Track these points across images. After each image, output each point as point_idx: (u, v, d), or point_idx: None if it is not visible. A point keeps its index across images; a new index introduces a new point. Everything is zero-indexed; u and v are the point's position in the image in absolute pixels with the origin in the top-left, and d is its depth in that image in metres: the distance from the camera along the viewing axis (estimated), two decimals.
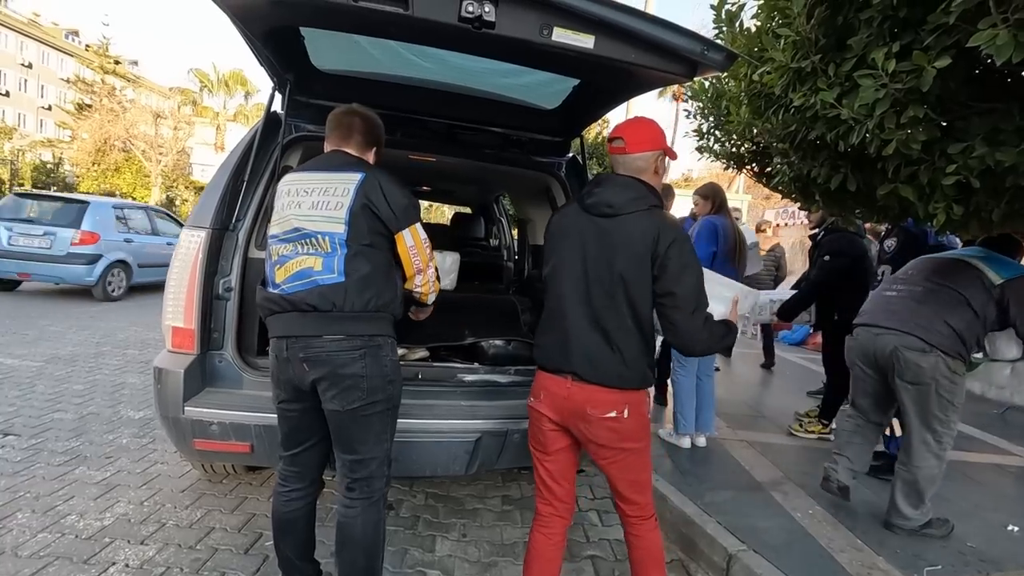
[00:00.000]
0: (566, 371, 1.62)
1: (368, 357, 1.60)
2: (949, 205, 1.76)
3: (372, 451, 1.66)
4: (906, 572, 2.20)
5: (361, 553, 1.66)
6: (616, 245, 1.58)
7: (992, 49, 1.22)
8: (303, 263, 1.61)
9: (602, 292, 1.59)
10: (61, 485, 2.61)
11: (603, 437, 1.62)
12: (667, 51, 1.59)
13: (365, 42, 2.07)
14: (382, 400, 1.64)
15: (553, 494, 1.77)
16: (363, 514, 1.66)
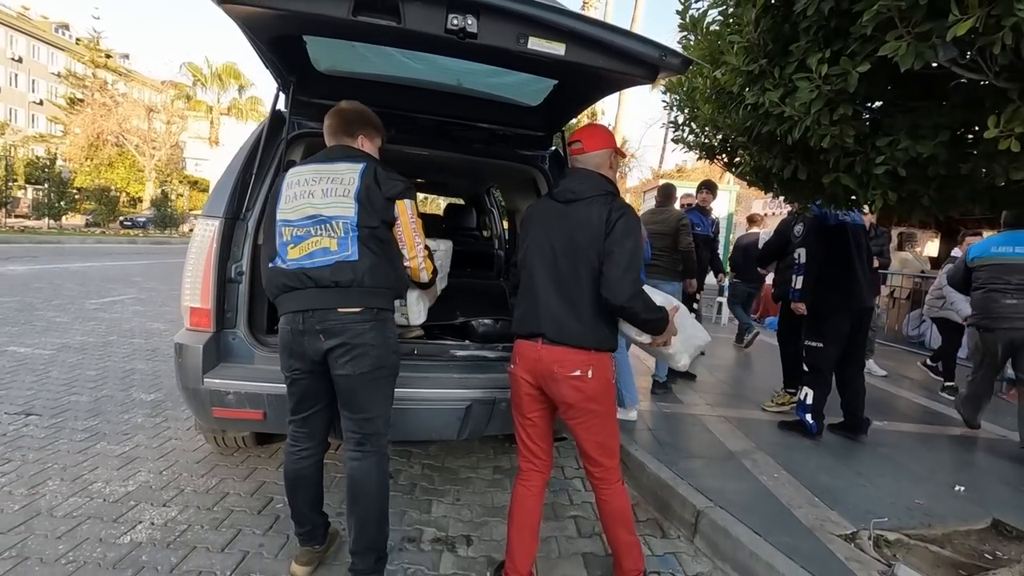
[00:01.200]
0: (536, 334, 1.87)
1: (377, 328, 1.82)
2: (885, 192, 1.98)
3: (379, 410, 1.88)
4: (856, 523, 2.44)
5: (376, 500, 1.86)
6: (578, 224, 1.84)
7: (898, 57, 1.44)
8: (319, 243, 1.79)
9: (566, 264, 1.85)
10: (85, 458, 2.82)
11: (570, 396, 1.83)
12: (629, 57, 1.80)
13: (362, 46, 2.26)
14: (388, 367, 1.87)
15: (532, 452, 2.01)
16: (376, 465, 1.87)
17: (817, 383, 3.61)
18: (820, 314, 3.61)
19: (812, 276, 3.57)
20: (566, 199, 1.90)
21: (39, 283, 8.63)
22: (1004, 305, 3.70)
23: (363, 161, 1.88)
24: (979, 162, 1.71)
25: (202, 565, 2.04)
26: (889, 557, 2.17)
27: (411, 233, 1.91)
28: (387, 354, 1.85)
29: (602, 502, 1.99)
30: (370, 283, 1.80)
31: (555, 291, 1.85)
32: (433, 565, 2.19)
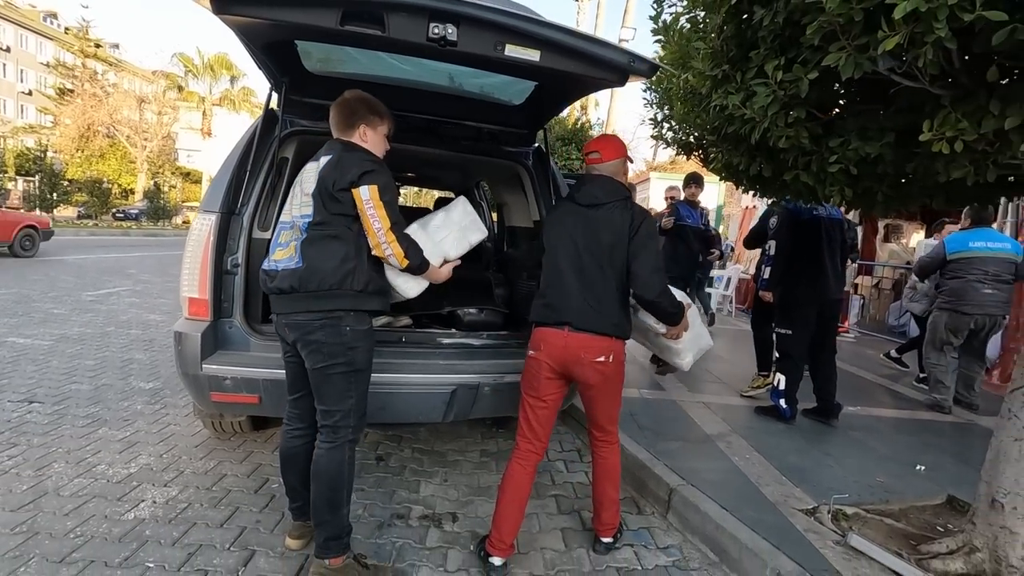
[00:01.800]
0: (564, 322, 2.07)
1: (327, 328, 1.86)
2: (842, 188, 2.12)
3: (336, 404, 1.93)
4: (818, 499, 2.60)
5: (325, 485, 1.93)
6: (602, 227, 2.09)
7: (840, 67, 1.57)
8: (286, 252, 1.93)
9: (590, 261, 2.09)
10: (88, 442, 2.95)
11: (593, 378, 2.10)
12: (600, 62, 1.93)
13: (352, 49, 2.38)
14: (342, 363, 1.89)
15: (535, 434, 2.19)
16: (328, 454, 1.94)
17: (788, 369, 3.76)
18: (789, 303, 3.77)
19: (780, 267, 3.76)
20: (589, 203, 2.14)
21: (35, 275, 8.70)
22: (983, 294, 4.17)
23: (332, 153, 1.91)
24: (922, 161, 1.84)
25: (203, 539, 2.18)
26: (845, 529, 2.33)
27: (369, 222, 1.83)
28: (340, 350, 1.88)
29: (600, 459, 2.30)
30: (315, 288, 1.85)
31: (580, 285, 2.08)
32: (420, 539, 2.34)
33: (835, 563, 2.09)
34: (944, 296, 4.39)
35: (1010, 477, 2.10)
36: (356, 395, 1.98)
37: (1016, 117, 1.44)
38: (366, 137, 2.02)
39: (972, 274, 4.25)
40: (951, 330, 4.34)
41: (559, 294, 2.11)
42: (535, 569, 2.20)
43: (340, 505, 1.95)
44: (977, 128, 1.51)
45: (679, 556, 2.36)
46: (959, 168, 1.73)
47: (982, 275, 4.23)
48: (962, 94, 1.58)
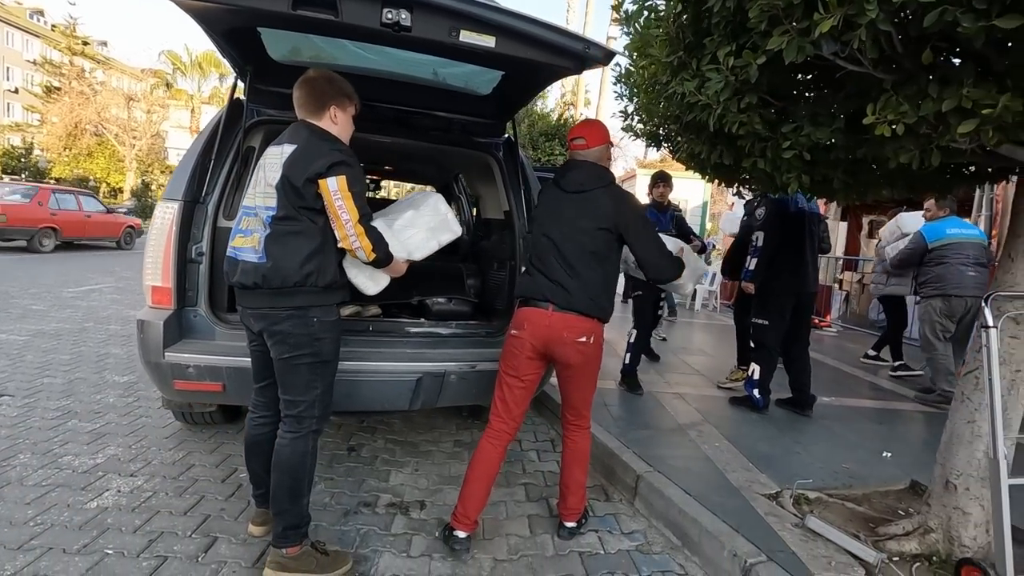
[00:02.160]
0: (548, 300, 2.11)
1: (294, 319, 1.84)
2: (799, 175, 2.15)
3: (300, 395, 1.91)
4: (782, 484, 2.63)
5: (287, 475, 1.91)
6: (586, 212, 2.15)
7: (783, 51, 1.59)
8: (247, 241, 1.88)
9: (576, 246, 2.14)
10: (56, 434, 2.93)
11: (574, 358, 2.14)
12: (555, 49, 1.94)
13: (316, 37, 2.38)
14: (308, 354, 1.87)
15: (510, 413, 2.23)
16: (291, 444, 1.92)
17: (763, 359, 3.80)
18: (767, 293, 3.80)
19: (766, 259, 3.75)
20: (575, 190, 2.20)
21: (16, 272, 8.62)
22: (968, 276, 4.34)
23: (296, 143, 1.83)
24: (872, 147, 1.87)
25: (165, 526, 2.18)
26: (806, 512, 2.36)
27: (337, 214, 1.79)
28: (307, 341, 1.86)
29: (571, 442, 2.33)
30: (278, 285, 1.81)
31: (564, 267, 2.13)
32: (385, 526, 2.34)
33: (792, 544, 2.12)
34: (931, 284, 4.46)
35: (963, 459, 2.14)
36: (322, 386, 1.96)
37: (953, 100, 1.47)
38: (336, 119, 1.95)
39: (955, 258, 4.38)
40: (946, 315, 4.40)
41: (544, 273, 2.16)
42: (499, 554, 2.22)
43: (301, 495, 1.94)
44: (917, 111, 1.54)
45: (642, 541, 2.38)
46: (906, 152, 1.75)
47: (964, 259, 4.37)
48: (904, 78, 1.60)
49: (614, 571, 2.15)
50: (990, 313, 1.94)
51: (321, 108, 1.92)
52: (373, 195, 6.65)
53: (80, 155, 29.92)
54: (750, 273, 3.83)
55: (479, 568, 2.12)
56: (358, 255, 1.88)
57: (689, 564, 2.23)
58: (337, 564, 1.98)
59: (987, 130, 1.48)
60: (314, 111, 1.92)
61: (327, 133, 1.92)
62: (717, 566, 2.12)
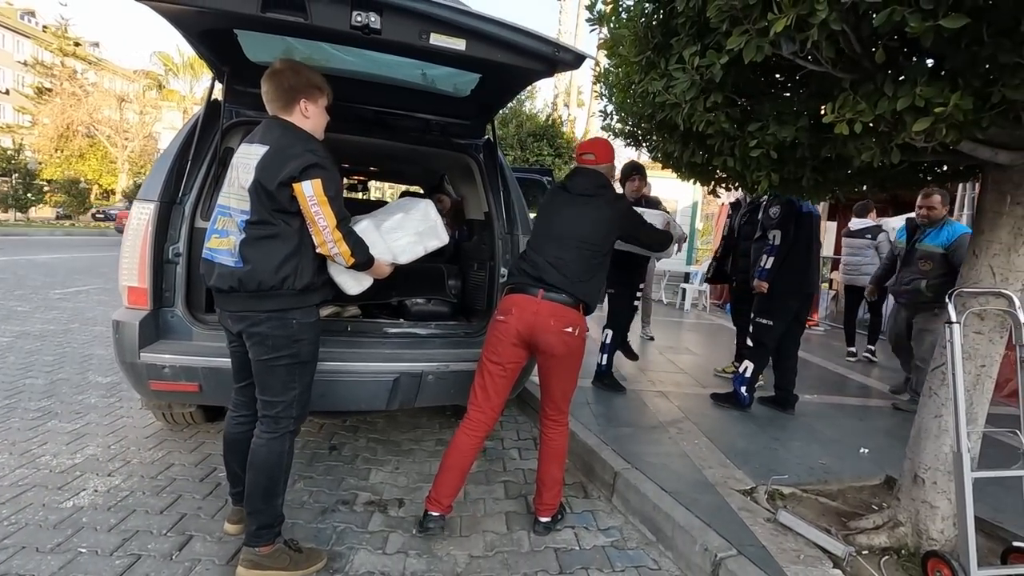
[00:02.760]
0: (538, 286, 2.19)
1: (273, 321, 1.83)
2: (768, 173, 2.18)
3: (278, 395, 1.91)
4: (757, 480, 2.66)
5: (263, 474, 1.91)
6: (587, 213, 2.30)
7: (743, 50, 1.61)
8: (221, 243, 1.85)
9: (572, 240, 2.26)
10: (35, 434, 2.93)
11: (559, 348, 2.18)
12: (525, 52, 1.96)
13: (292, 39, 2.39)
14: (287, 355, 1.87)
15: (489, 403, 2.26)
16: (267, 444, 1.92)
17: (759, 357, 3.80)
18: (774, 294, 3.75)
19: (781, 258, 3.71)
20: (580, 192, 2.36)
21: (2, 274, 8.58)
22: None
23: (268, 144, 1.79)
24: (836, 145, 1.90)
25: (140, 525, 2.18)
26: (779, 507, 2.39)
27: (313, 218, 1.77)
28: (286, 343, 1.86)
29: (549, 440, 2.36)
30: (255, 289, 1.80)
31: (557, 256, 2.23)
32: (362, 524, 2.36)
33: (762, 538, 2.14)
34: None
35: (930, 453, 2.17)
36: (300, 386, 1.96)
37: (907, 98, 1.50)
38: (308, 112, 1.89)
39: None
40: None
41: (537, 264, 2.24)
42: (474, 551, 2.23)
43: (275, 495, 1.95)
44: (874, 109, 1.57)
45: (618, 537, 2.40)
46: (867, 150, 1.78)
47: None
48: (863, 77, 1.63)
49: (588, 566, 2.17)
50: (954, 309, 1.97)
51: (291, 102, 1.86)
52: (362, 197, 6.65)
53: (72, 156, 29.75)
54: (765, 272, 3.75)
55: (454, 564, 2.13)
56: (337, 260, 1.87)
57: (663, 559, 2.25)
58: (311, 561, 2.00)
59: (941, 128, 1.51)
60: (284, 106, 1.87)
61: (300, 131, 1.86)
62: (689, 560, 2.15)
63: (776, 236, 3.75)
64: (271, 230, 1.81)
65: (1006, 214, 2.02)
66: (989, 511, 2.37)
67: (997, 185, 2.06)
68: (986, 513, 2.32)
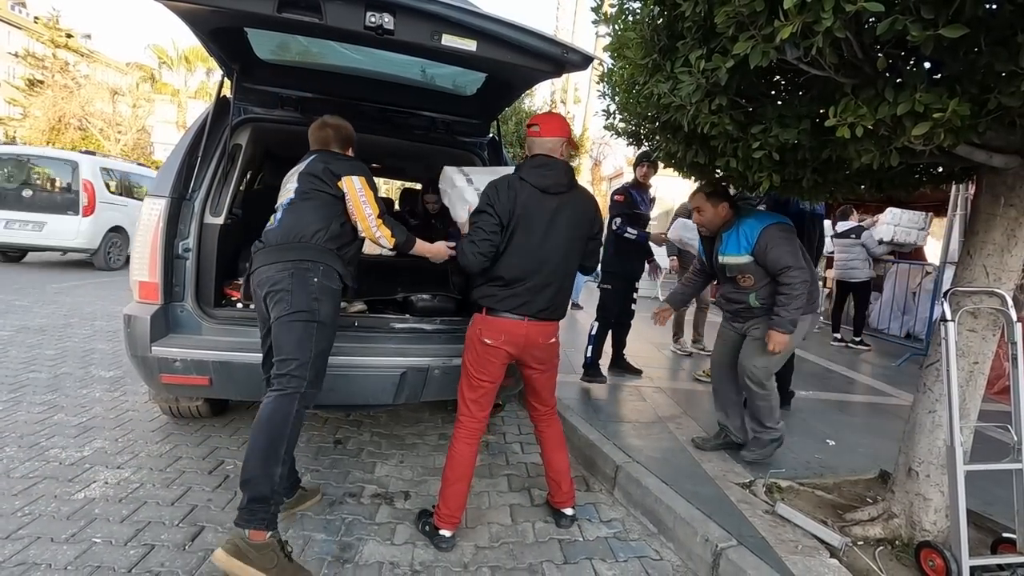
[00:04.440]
0: (528, 315, 2.18)
1: (295, 277, 1.99)
2: (770, 175, 2.23)
3: (293, 353, 1.96)
4: (755, 474, 2.72)
5: (263, 434, 1.86)
6: (568, 216, 2.21)
7: (749, 55, 1.66)
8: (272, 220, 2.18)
9: (561, 254, 2.21)
10: (42, 428, 2.95)
11: (545, 358, 2.32)
12: (535, 53, 2.01)
13: (302, 38, 2.42)
14: (305, 312, 1.98)
15: (483, 412, 2.30)
16: (275, 401, 1.91)
17: None
18: None
19: None
20: (556, 191, 2.19)
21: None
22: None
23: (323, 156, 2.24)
24: (836, 148, 1.95)
25: (152, 516, 2.22)
26: (777, 500, 2.45)
27: (361, 207, 2.13)
28: (305, 299, 1.99)
29: (548, 430, 2.45)
30: (287, 239, 2.06)
31: (545, 276, 2.18)
32: (370, 516, 2.40)
33: (761, 530, 2.20)
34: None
35: (924, 447, 2.24)
36: (315, 349, 2.00)
37: (906, 104, 1.55)
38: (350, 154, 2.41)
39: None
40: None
41: (528, 288, 2.17)
42: (480, 542, 2.28)
43: (274, 462, 1.85)
44: (874, 114, 1.62)
45: (620, 528, 2.46)
46: (867, 153, 1.84)
47: None
48: (864, 82, 1.68)
49: (592, 557, 2.23)
50: (949, 308, 2.03)
51: (346, 147, 2.39)
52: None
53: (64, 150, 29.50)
54: None
55: (461, 554, 2.18)
56: (381, 243, 2.21)
57: (664, 550, 2.31)
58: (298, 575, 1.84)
59: (939, 132, 1.57)
60: (341, 147, 2.36)
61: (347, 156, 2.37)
62: (690, 551, 2.21)
63: None
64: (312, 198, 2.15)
65: (1000, 216, 2.08)
66: (980, 504, 2.44)
67: (992, 188, 2.12)
68: (977, 506, 2.38)
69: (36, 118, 28.63)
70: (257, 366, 2.19)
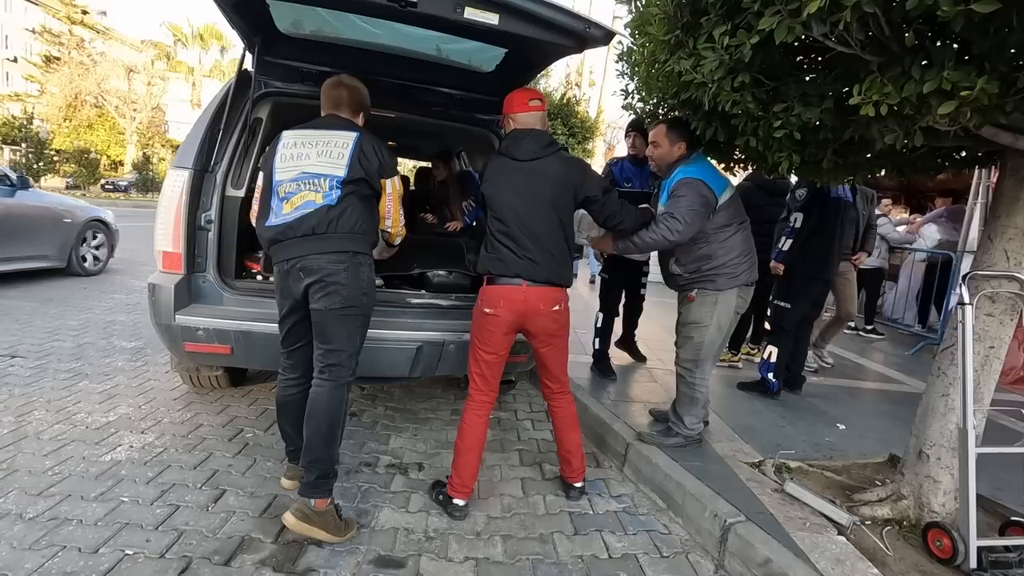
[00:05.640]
0: (522, 277, 2.18)
1: (350, 271, 2.00)
2: (789, 155, 2.22)
3: (343, 345, 2.05)
4: (764, 454, 2.75)
5: (324, 422, 2.02)
6: (543, 180, 2.21)
7: (774, 31, 1.65)
8: (306, 197, 2.02)
9: (541, 217, 2.21)
10: (68, 394, 3.05)
11: (551, 327, 2.29)
12: (557, 27, 2.00)
13: (323, 11, 2.43)
14: (358, 307, 2.05)
15: (489, 385, 2.33)
16: (329, 392, 2.03)
17: (782, 342, 3.74)
18: (793, 277, 3.73)
19: (800, 241, 3.66)
20: (528, 158, 2.21)
21: None
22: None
23: (357, 131, 2.11)
24: (859, 127, 1.94)
25: (176, 479, 2.29)
26: (786, 479, 2.48)
27: (398, 207, 2.20)
28: (357, 294, 2.03)
29: (560, 409, 2.45)
30: (347, 228, 2.02)
31: (530, 240, 2.18)
32: (385, 484, 2.46)
33: (769, 507, 2.23)
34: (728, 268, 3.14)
35: (936, 430, 2.24)
36: (360, 340, 2.12)
37: (933, 82, 1.53)
38: (360, 122, 2.23)
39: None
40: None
41: (512, 249, 2.20)
42: (492, 512, 2.34)
43: (334, 442, 2.06)
44: (900, 92, 1.60)
45: (629, 503, 2.50)
46: (890, 132, 1.82)
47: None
48: (890, 60, 1.66)
49: (601, 529, 2.27)
50: (967, 291, 2.03)
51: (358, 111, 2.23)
52: None
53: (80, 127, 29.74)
54: (783, 254, 3.70)
55: (473, 524, 2.24)
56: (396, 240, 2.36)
57: (672, 524, 2.35)
58: (347, 529, 2.06)
59: (966, 111, 1.55)
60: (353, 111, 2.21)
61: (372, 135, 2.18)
62: (698, 526, 2.24)
63: (798, 219, 3.69)
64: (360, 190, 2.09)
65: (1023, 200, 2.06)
66: (989, 490, 2.45)
67: (1016, 171, 2.10)
68: (986, 492, 2.39)
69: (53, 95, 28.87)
70: (276, 336, 2.24)
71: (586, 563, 2.03)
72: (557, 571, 1.98)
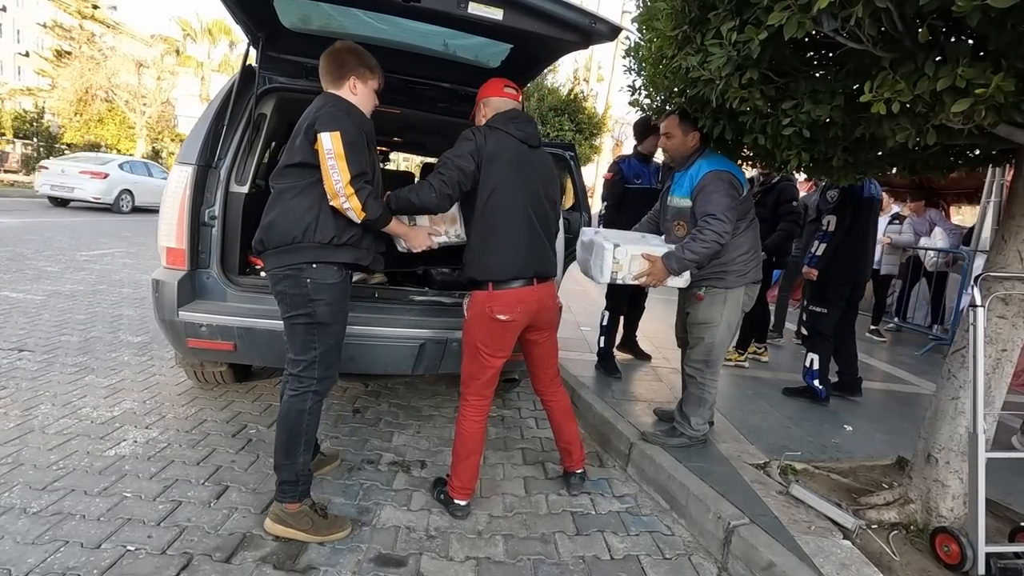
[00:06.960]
0: (530, 277, 2.15)
1: (288, 280, 1.92)
2: (799, 152, 2.18)
3: (298, 355, 1.98)
4: (769, 455, 2.72)
5: (283, 431, 1.99)
6: (542, 169, 2.23)
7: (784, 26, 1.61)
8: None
9: (544, 209, 2.22)
10: (74, 388, 3.06)
11: (553, 319, 2.36)
12: (562, 23, 1.97)
13: (327, 6, 2.41)
14: (303, 315, 1.93)
15: (489, 390, 2.29)
16: (289, 401, 1.99)
17: (821, 347, 3.65)
18: (827, 281, 3.64)
19: (834, 245, 3.58)
20: (532, 144, 2.19)
21: (30, 235, 8.75)
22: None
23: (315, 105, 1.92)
24: (870, 125, 1.90)
25: (179, 474, 2.30)
26: (791, 481, 2.45)
27: (328, 172, 1.80)
28: (301, 303, 1.92)
29: (556, 403, 2.47)
30: (278, 244, 1.92)
31: (531, 234, 2.16)
32: (387, 482, 2.46)
33: (774, 509, 2.21)
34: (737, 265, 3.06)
35: (945, 433, 2.21)
36: (321, 348, 1.98)
37: (947, 79, 1.50)
38: (356, 90, 2.00)
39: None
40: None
41: (517, 246, 2.12)
42: (494, 511, 2.33)
43: (295, 453, 1.98)
44: (912, 89, 1.57)
45: (633, 504, 2.49)
46: (902, 130, 1.79)
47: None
48: (903, 56, 1.63)
49: (604, 529, 2.26)
50: (979, 293, 1.99)
51: (342, 77, 1.98)
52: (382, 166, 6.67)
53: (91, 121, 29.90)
54: (816, 259, 3.62)
55: (475, 522, 2.23)
56: (349, 215, 1.89)
57: (676, 525, 2.33)
58: (333, 528, 2.01)
59: (980, 109, 1.52)
60: (335, 80, 1.99)
61: (343, 100, 1.96)
62: (702, 527, 2.22)
63: (831, 222, 3.60)
64: (293, 182, 1.93)
65: None
66: (999, 495, 2.41)
67: None
68: (996, 496, 2.36)
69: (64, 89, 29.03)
70: (279, 333, 2.23)
71: (588, 564, 2.02)
72: (558, 571, 1.97)
